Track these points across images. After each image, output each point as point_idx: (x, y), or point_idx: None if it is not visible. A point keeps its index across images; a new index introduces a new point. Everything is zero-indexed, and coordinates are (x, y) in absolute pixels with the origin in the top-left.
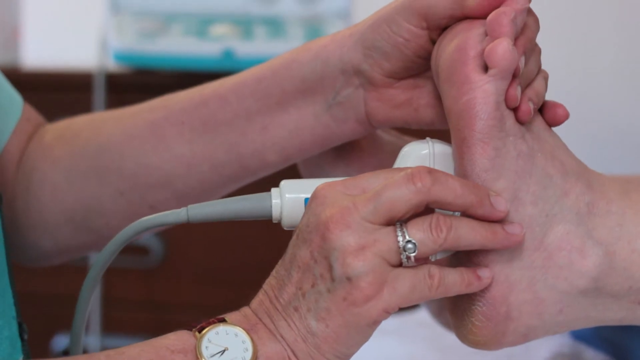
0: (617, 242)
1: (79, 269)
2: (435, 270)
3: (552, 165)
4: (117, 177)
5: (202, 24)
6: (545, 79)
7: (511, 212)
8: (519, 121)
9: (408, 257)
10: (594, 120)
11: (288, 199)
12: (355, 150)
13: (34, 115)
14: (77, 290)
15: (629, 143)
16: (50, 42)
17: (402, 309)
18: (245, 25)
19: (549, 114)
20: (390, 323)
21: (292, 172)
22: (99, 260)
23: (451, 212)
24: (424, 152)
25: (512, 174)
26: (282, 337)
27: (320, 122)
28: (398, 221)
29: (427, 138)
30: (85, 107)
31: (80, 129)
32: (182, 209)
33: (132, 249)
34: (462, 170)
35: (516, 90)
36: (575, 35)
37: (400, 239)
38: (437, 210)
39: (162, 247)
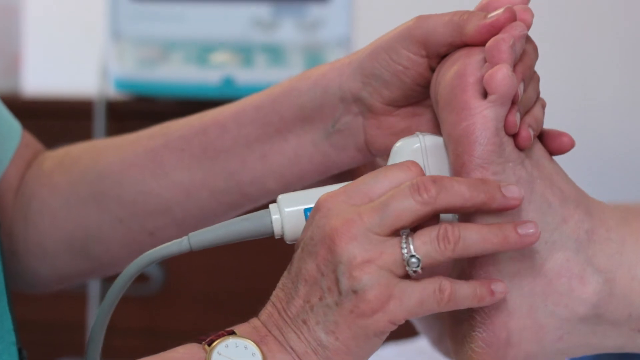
0: (617, 270)
1: (79, 296)
2: (446, 284)
3: (551, 192)
4: (117, 204)
5: (202, 52)
6: (544, 106)
7: None
8: (519, 147)
9: (414, 271)
10: (593, 147)
11: (287, 213)
12: (355, 178)
13: (33, 142)
14: (77, 316)
15: (628, 171)
16: (51, 69)
17: (402, 335)
18: (245, 52)
19: (554, 143)
20: (389, 351)
21: None
22: (107, 299)
23: None
24: (416, 146)
25: None
26: (292, 349)
27: (320, 150)
28: (404, 230)
29: (417, 132)
30: (86, 134)
31: (80, 156)
32: (183, 238)
33: None
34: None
35: (515, 117)
36: (575, 63)
37: (404, 251)
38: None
39: (162, 275)
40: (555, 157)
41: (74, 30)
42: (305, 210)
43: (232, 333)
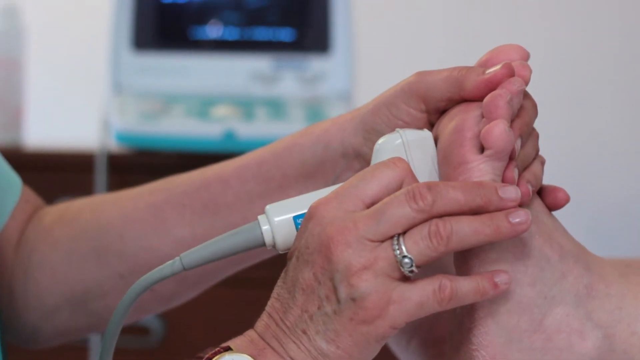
0: (617, 325)
1: (79, 350)
2: (446, 282)
3: (550, 247)
4: (117, 259)
5: (203, 105)
6: (543, 163)
7: (509, 294)
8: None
9: (410, 271)
10: (592, 203)
11: (277, 223)
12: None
13: (33, 197)
14: None
15: (627, 226)
16: (52, 122)
17: None
18: (246, 106)
19: (549, 198)
20: None
21: None
22: (107, 333)
23: None
24: (398, 142)
25: (510, 255)
26: (292, 359)
27: None
28: (396, 234)
29: (397, 129)
30: (87, 187)
31: (80, 211)
32: (175, 259)
33: (132, 329)
34: (460, 253)
35: (513, 172)
36: (575, 117)
37: (397, 253)
38: None
39: (163, 327)
40: (555, 212)
41: (76, 83)
42: (295, 217)
43: (229, 349)
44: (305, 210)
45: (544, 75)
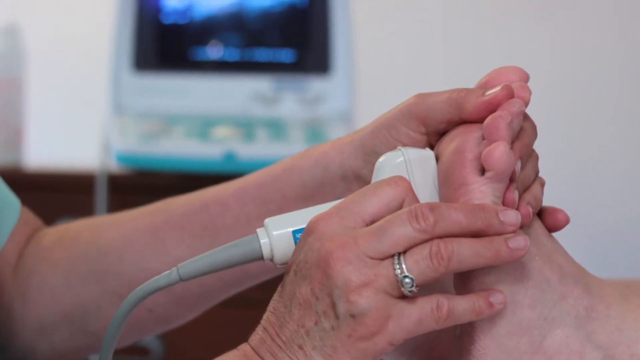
0: (617, 347)
1: None
2: (443, 301)
3: (550, 268)
4: (117, 280)
5: (204, 126)
6: (543, 185)
7: (509, 315)
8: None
9: (409, 291)
10: (592, 224)
11: (276, 236)
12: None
13: (32, 218)
14: None
15: (627, 247)
16: (52, 142)
17: None
18: (246, 127)
19: (549, 219)
20: None
21: None
22: (104, 343)
23: None
24: (399, 160)
25: (510, 277)
26: None
27: None
28: (396, 253)
29: (399, 146)
30: (87, 208)
31: (80, 233)
32: (172, 269)
33: (132, 350)
34: (460, 274)
35: (514, 194)
36: (574, 138)
37: (398, 272)
38: None
39: (162, 348)
40: (555, 233)
41: (76, 104)
42: (294, 232)
43: None
44: (304, 225)
45: (543, 97)
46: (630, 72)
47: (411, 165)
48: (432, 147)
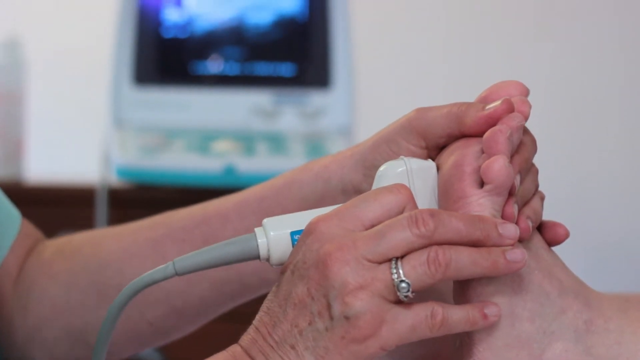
0: None
1: None
2: (438, 309)
3: (550, 282)
4: (117, 293)
5: (204, 140)
6: (542, 199)
7: (508, 328)
8: (518, 239)
9: (405, 296)
10: (592, 238)
11: (274, 236)
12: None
13: (33, 231)
14: None
15: (626, 261)
16: (53, 156)
17: None
18: (246, 141)
19: (549, 233)
20: None
21: None
22: (99, 336)
23: None
24: (401, 169)
25: (508, 289)
26: None
27: None
28: (394, 257)
29: (401, 156)
30: (87, 221)
31: (80, 245)
32: (168, 263)
33: None
34: (459, 284)
35: (513, 208)
36: (574, 152)
37: (394, 276)
38: None
39: None
40: (554, 247)
41: (76, 118)
42: (292, 233)
43: None
44: (302, 227)
45: (544, 111)
46: (631, 86)
47: (412, 175)
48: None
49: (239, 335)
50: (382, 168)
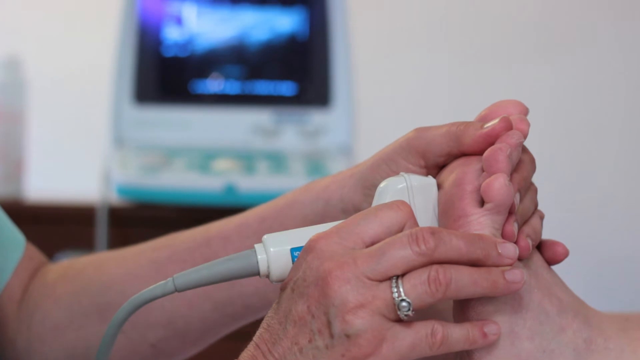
0: None
1: None
2: (438, 328)
3: (549, 301)
4: None
5: (204, 159)
6: (542, 217)
7: (508, 347)
8: (518, 257)
9: (405, 314)
10: (592, 257)
11: (274, 253)
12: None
13: (37, 254)
14: None
15: (626, 280)
16: (53, 175)
17: None
18: (247, 160)
19: (549, 252)
20: None
21: None
22: (99, 351)
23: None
24: (401, 186)
25: (508, 308)
26: None
27: None
28: (395, 275)
29: (402, 172)
30: (88, 240)
31: (83, 268)
32: (167, 279)
33: None
34: (459, 302)
35: (513, 227)
36: (573, 171)
37: (395, 295)
38: None
39: None
40: (554, 266)
41: (77, 136)
42: (292, 250)
43: None
44: (302, 244)
45: (543, 130)
46: (631, 106)
47: (413, 192)
48: None
49: (239, 354)
50: (382, 184)
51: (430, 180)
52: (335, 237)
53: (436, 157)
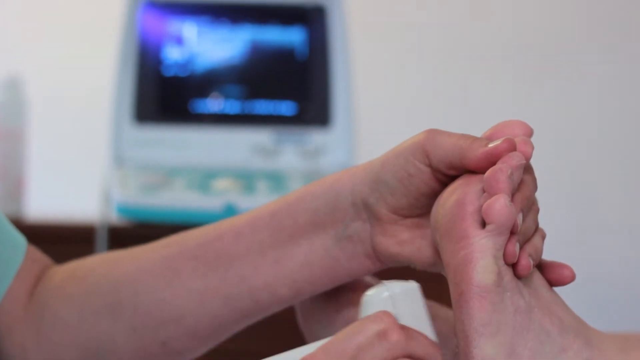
0: None
1: None
2: None
3: (550, 321)
4: (131, 313)
5: (204, 178)
6: (543, 237)
7: None
8: (518, 276)
9: None
10: (592, 277)
11: None
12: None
13: (40, 256)
14: None
15: (627, 300)
16: (53, 194)
17: None
18: (246, 179)
19: (555, 274)
20: None
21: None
22: None
23: None
24: (385, 294)
25: (509, 329)
26: None
27: (330, 255)
28: None
29: (383, 281)
30: None
31: (93, 267)
32: None
33: None
34: (460, 323)
35: (515, 247)
36: (575, 190)
37: None
38: None
39: None
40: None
41: (77, 156)
42: None
43: None
44: None
45: (546, 151)
46: (634, 126)
47: (396, 299)
48: (437, 181)
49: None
50: (366, 295)
51: (412, 285)
52: (320, 355)
53: (438, 161)
